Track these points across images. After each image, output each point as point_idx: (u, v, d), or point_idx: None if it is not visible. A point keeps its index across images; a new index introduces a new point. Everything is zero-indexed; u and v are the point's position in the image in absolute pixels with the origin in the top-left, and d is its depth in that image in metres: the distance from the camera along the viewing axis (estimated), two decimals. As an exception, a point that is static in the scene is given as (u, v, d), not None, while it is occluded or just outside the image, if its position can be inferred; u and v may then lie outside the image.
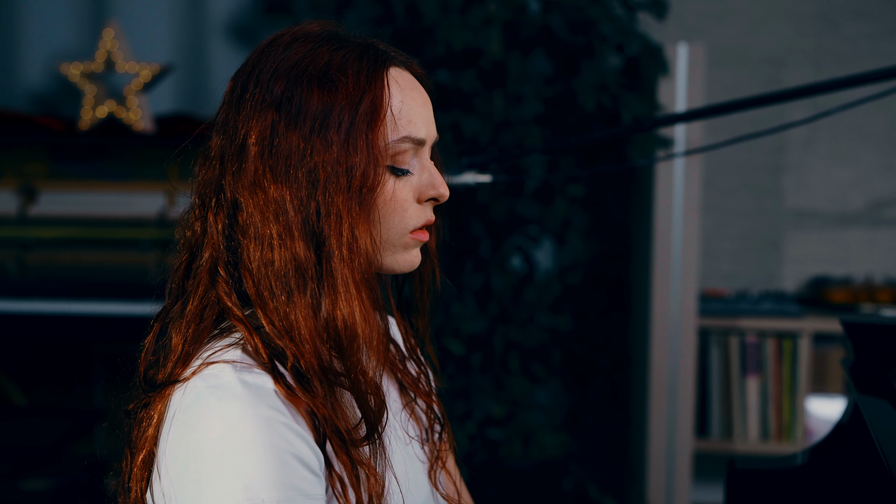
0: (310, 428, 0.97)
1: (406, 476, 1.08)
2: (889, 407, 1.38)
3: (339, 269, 0.98)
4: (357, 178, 0.98)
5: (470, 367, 2.97)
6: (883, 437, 1.26)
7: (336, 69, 1.00)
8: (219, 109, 1.05)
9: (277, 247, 0.97)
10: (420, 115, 1.07)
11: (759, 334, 3.14)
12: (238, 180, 0.99)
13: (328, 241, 0.98)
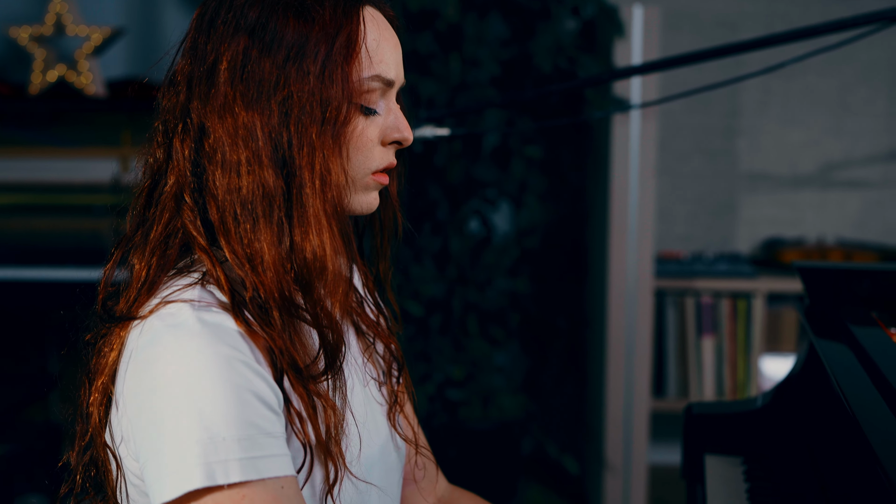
0: (268, 365, 0.96)
1: (364, 417, 1.08)
2: (845, 347, 1.41)
3: (310, 201, 0.97)
4: (332, 111, 0.98)
5: (429, 329, 2.97)
6: (840, 376, 1.28)
7: (312, 0, 0.99)
8: (184, 36, 1.04)
9: (245, 173, 0.96)
10: (391, 56, 1.07)
11: (714, 295, 3.17)
12: (206, 105, 0.98)
13: (300, 173, 0.97)
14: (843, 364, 1.34)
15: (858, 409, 1.18)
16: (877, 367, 1.26)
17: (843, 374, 1.29)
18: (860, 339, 1.39)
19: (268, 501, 0.92)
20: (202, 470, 0.90)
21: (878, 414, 1.16)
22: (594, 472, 3.19)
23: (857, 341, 1.39)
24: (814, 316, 1.55)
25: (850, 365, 1.34)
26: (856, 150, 3.41)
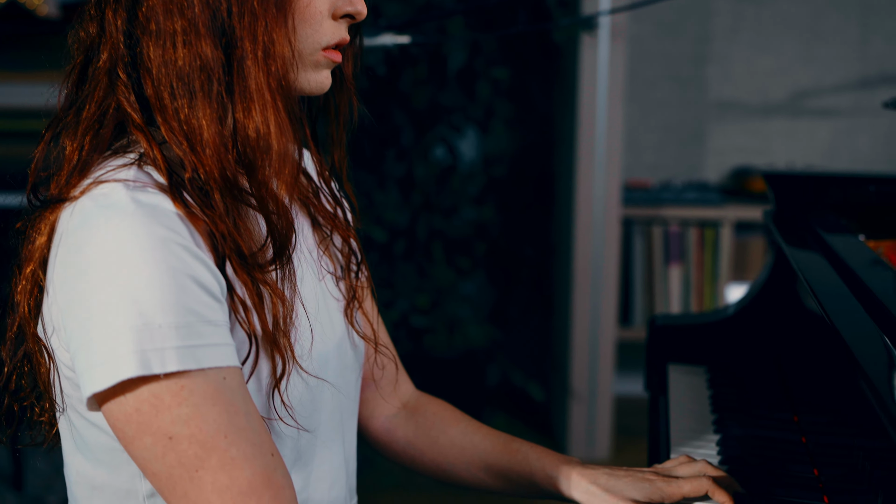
0: (209, 250, 0.91)
1: (317, 311, 1.03)
2: (815, 252, 1.38)
3: (252, 74, 0.91)
4: None
5: (393, 256, 2.93)
6: (813, 279, 1.25)
7: None
8: None
9: (181, 44, 0.90)
10: None
11: (681, 223, 3.15)
12: None
13: (241, 44, 0.91)
14: (815, 267, 1.31)
15: (833, 312, 1.14)
16: (850, 269, 1.23)
17: (815, 278, 1.26)
18: (830, 243, 1.36)
19: (209, 393, 0.87)
20: (136, 358, 0.84)
21: (853, 317, 1.13)
22: (559, 400, 3.18)
23: (827, 245, 1.36)
24: (782, 223, 1.52)
25: (821, 268, 1.31)
26: (826, 79, 3.37)
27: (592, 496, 1.09)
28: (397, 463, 1.23)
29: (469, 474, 1.18)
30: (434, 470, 1.20)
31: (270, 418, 0.96)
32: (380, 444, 1.24)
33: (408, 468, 1.23)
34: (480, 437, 1.18)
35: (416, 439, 1.21)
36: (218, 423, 0.87)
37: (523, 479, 1.14)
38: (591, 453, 3.07)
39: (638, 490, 1.08)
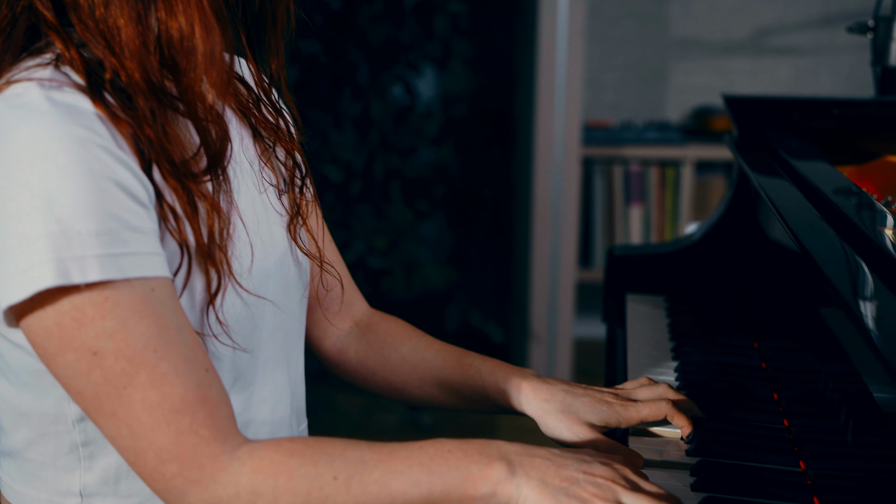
0: (134, 154, 0.85)
1: (257, 225, 0.98)
2: (779, 176, 1.34)
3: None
4: None
5: (349, 197, 2.87)
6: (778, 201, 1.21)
7: None
8: None
9: None
10: None
11: (642, 163, 3.11)
12: None
13: None
14: (779, 189, 1.28)
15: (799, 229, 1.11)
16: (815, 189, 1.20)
17: (779, 198, 1.22)
18: (794, 165, 1.32)
19: (135, 305, 0.82)
20: (53, 267, 0.79)
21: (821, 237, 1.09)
22: (519, 341, 3.16)
23: (791, 167, 1.32)
24: (744, 147, 1.48)
25: (786, 190, 1.27)
26: (788, 16, 3.33)
27: (546, 414, 1.05)
28: (351, 382, 1.19)
29: (422, 392, 1.14)
30: (387, 388, 1.16)
31: (205, 334, 0.90)
32: (332, 365, 1.19)
33: (361, 388, 1.19)
34: (433, 353, 1.14)
35: (368, 358, 1.16)
36: (146, 336, 0.82)
37: (476, 394, 1.10)
38: (550, 395, 3.05)
39: (595, 412, 1.04)
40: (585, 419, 1.04)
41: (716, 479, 0.95)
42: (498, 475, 0.84)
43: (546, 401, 1.05)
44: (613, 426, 1.05)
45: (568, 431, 1.03)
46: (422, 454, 0.86)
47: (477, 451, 0.86)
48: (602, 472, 0.86)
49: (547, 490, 0.84)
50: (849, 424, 1.12)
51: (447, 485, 0.84)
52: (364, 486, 0.83)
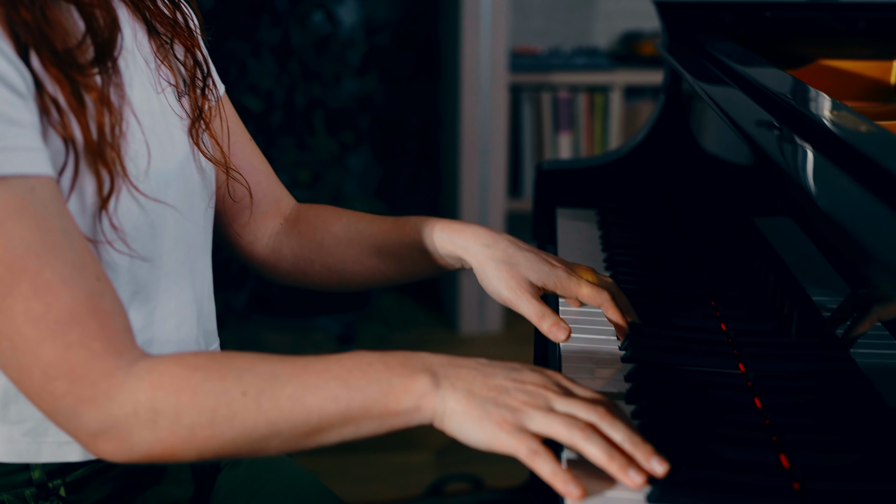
0: (8, 38, 0.76)
1: (154, 125, 0.89)
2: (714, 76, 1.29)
3: None
4: None
5: (270, 127, 2.76)
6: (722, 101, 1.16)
7: None
8: None
9: None
10: None
11: (571, 89, 3.05)
12: None
13: None
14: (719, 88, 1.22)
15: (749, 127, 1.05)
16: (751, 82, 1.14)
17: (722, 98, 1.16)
18: (728, 64, 1.27)
19: (13, 205, 0.73)
20: None
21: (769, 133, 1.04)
22: (449, 274, 3.10)
23: (725, 65, 1.27)
24: (676, 51, 1.42)
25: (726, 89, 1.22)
26: (715, -61, 3.27)
27: (487, 261, 0.99)
28: (290, 283, 1.13)
29: (362, 266, 1.08)
30: (327, 276, 1.09)
31: (98, 241, 0.82)
32: (269, 268, 1.13)
33: (301, 286, 1.12)
34: (366, 224, 1.08)
35: (303, 249, 1.10)
36: (27, 241, 0.74)
37: (416, 252, 1.04)
38: (482, 327, 3.01)
39: (536, 270, 0.99)
40: (525, 275, 0.99)
41: (652, 383, 0.91)
42: (422, 388, 0.78)
43: (488, 245, 1.00)
44: (550, 290, 1.01)
45: (505, 286, 0.98)
46: (339, 367, 0.79)
47: (399, 363, 0.80)
48: (532, 378, 0.80)
49: (474, 401, 0.78)
50: (787, 326, 1.09)
51: (367, 399, 0.78)
52: (276, 401, 0.77)
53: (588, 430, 0.75)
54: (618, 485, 0.75)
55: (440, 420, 0.78)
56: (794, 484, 0.75)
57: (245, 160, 1.09)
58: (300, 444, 0.78)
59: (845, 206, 0.80)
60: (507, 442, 0.75)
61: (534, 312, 0.97)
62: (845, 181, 0.83)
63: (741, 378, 0.94)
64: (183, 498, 0.99)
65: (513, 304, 0.98)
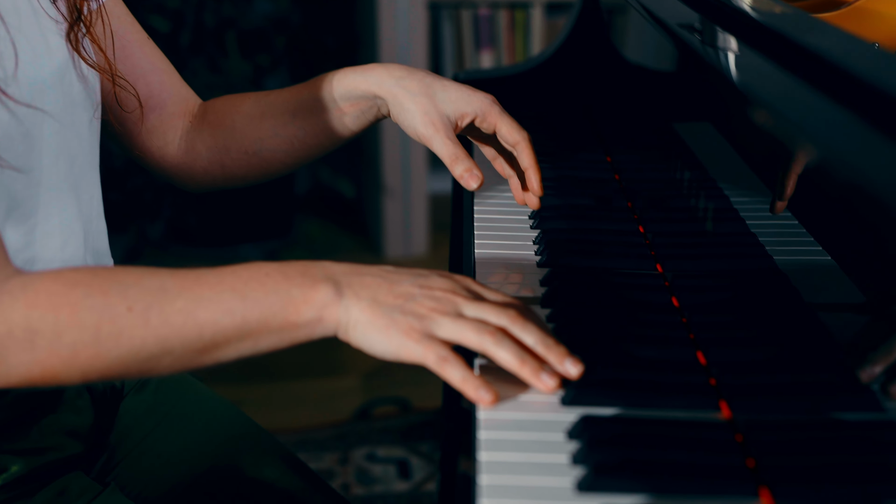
0: None
1: (21, 26, 0.82)
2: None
3: None
4: None
5: (179, 48, 2.66)
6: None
7: None
8: None
9: None
10: None
11: (491, 6, 2.98)
12: None
13: None
14: None
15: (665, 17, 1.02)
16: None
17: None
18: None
19: None
20: None
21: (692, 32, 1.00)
22: (372, 197, 3.05)
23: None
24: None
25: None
26: None
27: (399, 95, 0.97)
28: (210, 184, 1.07)
29: (279, 139, 1.04)
30: (246, 162, 1.05)
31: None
32: (186, 172, 1.07)
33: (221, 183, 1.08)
34: (275, 94, 1.04)
35: (216, 139, 1.05)
36: None
37: (331, 101, 1.01)
38: (408, 250, 2.97)
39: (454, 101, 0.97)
40: (442, 108, 0.95)
41: (568, 286, 0.87)
42: (323, 298, 0.73)
43: (402, 77, 0.97)
44: (470, 120, 0.98)
45: (420, 120, 0.95)
46: (234, 279, 0.74)
47: (299, 272, 0.75)
48: (440, 284, 0.76)
49: (380, 310, 0.73)
50: (704, 227, 1.06)
51: (265, 311, 0.73)
52: (165, 316, 0.71)
53: (499, 335, 0.72)
54: (531, 389, 0.72)
55: (344, 331, 0.74)
56: (711, 380, 0.73)
57: (145, 60, 1.02)
58: (195, 362, 0.73)
59: (767, 87, 0.77)
60: (415, 350, 0.72)
61: (447, 153, 0.93)
62: (769, 66, 0.80)
63: (658, 278, 0.91)
64: (82, 426, 0.94)
65: (427, 141, 0.95)
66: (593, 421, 0.67)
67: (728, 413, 0.69)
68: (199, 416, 1.06)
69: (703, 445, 0.65)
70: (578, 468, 0.63)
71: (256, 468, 1.04)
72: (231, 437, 1.06)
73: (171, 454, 1.02)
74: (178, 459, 1.02)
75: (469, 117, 0.96)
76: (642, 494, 0.60)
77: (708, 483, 0.61)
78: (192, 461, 1.02)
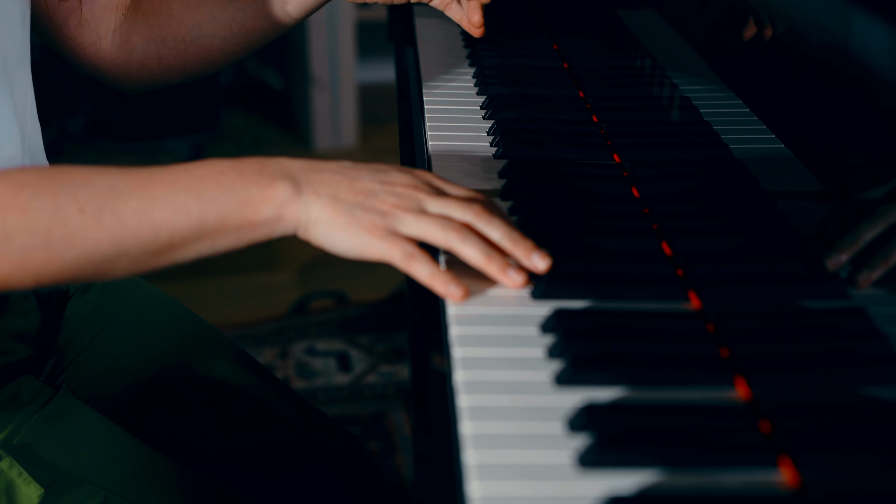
0: None
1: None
2: None
3: None
4: None
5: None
6: None
7: None
8: None
9: None
10: None
11: None
12: None
13: None
14: None
15: None
16: None
17: None
18: None
19: None
20: None
21: None
22: (300, 88, 2.98)
23: None
24: None
25: None
26: None
27: None
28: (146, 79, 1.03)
29: (219, 24, 1.01)
30: (184, 52, 1.01)
31: None
32: (121, 66, 1.03)
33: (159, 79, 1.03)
34: None
35: (151, 29, 1.01)
36: None
37: None
38: (337, 142, 2.93)
39: None
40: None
41: (527, 178, 0.86)
42: (282, 196, 0.71)
43: None
44: None
45: None
46: (189, 177, 0.71)
47: (255, 170, 0.72)
48: (402, 180, 0.74)
49: (340, 207, 0.71)
50: (659, 116, 1.06)
51: (222, 211, 0.70)
52: (119, 217, 0.68)
53: (464, 231, 0.70)
54: (500, 284, 0.71)
55: (304, 230, 0.72)
56: (678, 271, 0.73)
57: None
58: (151, 264, 0.71)
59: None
60: (379, 247, 0.70)
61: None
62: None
63: (617, 168, 0.90)
64: (30, 329, 0.92)
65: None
66: (567, 314, 0.66)
67: (697, 303, 0.69)
68: (148, 316, 1.04)
69: (677, 336, 0.65)
70: (555, 362, 0.63)
71: (209, 367, 1.03)
72: (182, 337, 1.04)
73: (121, 356, 1.00)
74: (128, 361, 1.00)
75: None
76: (621, 386, 0.60)
77: (685, 374, 0.61)
78: (143, 362, 1.01)
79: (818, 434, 0.56)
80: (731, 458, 0.54)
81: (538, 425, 0.57)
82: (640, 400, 0.59)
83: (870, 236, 0.71)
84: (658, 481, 0.53)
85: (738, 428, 0.57)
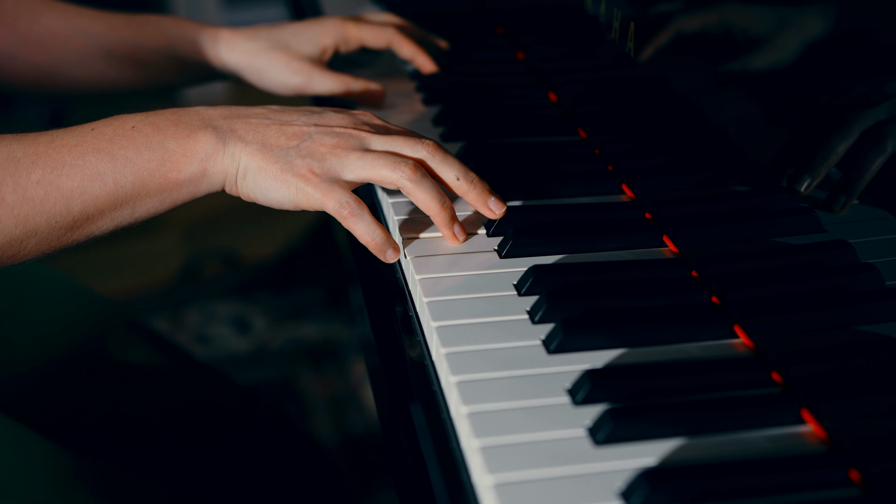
0: None
1: None
2: None
3: None
4: None
5: None
6: None
7: None
8: None
9: None
10: None
11: None
12: None
13: None
14: None
15: None
16: None
17: None
18: None
19: None
20: None
21: None
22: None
23: None
24: None
25: None
26: None
27: (254, 57, 0.85)
28: None
29: (86, 71, 0.88)
30: (33, 77, 0.89)
31: None
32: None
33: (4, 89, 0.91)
34: (89, 19, 0.88)
35: (1, 46, 0.88)
36: None
37: (161, 56, 0.87)
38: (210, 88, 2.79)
39: (309, 39, 0.86)
40: (301, 50, 0.85)
41: (468, 124, 0.80)
42: (205, 148, 0.63)
43: (249, 39, 0.86)
44: (332, 51, 0.87)
45: (287, 70, 0.84)
46: (97, 138, 0.62)
47: (171, 122, 0.64)
48: (338, 120, 0.66)
49: (272, 154, 0.63)
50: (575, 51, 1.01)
51: (140, 171, 0.62)
52: (23, 192, 0.59)
53: (419, 170, 0.64)
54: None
55: (233, 183, 0.64)
56: (647, 214, 0.68)
57: None
58: (65, 240, 0.62)
59: None
60: (313, 196, 0.62)
61: (336, 85, 0.83)
62: None
63: (556, 107, 0.85)
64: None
65: (306, 88, 0.84)
66: (543, 269, 0.61)
67: (675, 248, 0.65)
68: (49, 302, 0.94)
69: (665, 286, 0.60)
70: (542, 326, 0.57)
71: (121, 352, 0.94)
72: (88, 323, 0.95)
73: (26, 345, 0.90)
74: (34, 349, 0.90)
75: (331, 48, 0.86)
76: (619, 349, 0.55)
77: (685, 328, 0.57)
78: (50, 350, 0.91)
79: (834, 381, 0.52)
80: (754, 419, 0.50)
81: (539, 401, 0.52)
82: (642, 361, 0.54)
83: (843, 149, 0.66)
84: (681, 450, 0.49)
85: (752, 382, 0.53)
